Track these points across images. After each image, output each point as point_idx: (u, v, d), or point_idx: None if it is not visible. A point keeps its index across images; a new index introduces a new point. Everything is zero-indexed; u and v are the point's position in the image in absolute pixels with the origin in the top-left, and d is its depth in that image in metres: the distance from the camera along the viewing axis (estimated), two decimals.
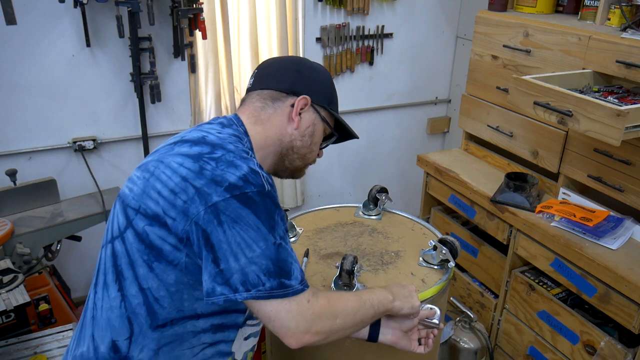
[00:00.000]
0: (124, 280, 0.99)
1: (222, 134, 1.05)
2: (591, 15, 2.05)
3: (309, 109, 1.16)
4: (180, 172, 0.95)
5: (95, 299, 1.04)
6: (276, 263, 0.93)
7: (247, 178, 0.93)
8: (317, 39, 2.84)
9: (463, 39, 3.20)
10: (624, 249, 1.76)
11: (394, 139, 3.36)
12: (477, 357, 2.17)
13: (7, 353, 1.59)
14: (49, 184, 2.29)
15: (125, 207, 1.02)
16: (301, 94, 1.14)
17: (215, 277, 0.92)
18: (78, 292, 2.72)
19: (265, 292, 0.92)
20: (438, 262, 1.53)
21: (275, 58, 1.24)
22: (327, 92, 1.20)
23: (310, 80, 1.16)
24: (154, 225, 0.96)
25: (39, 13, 2.24)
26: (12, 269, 1.78)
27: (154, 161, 1.03)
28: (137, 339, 1.00)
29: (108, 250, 1.03)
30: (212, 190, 0.91)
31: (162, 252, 0.96)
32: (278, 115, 1.13)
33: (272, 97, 1.14)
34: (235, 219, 0.91)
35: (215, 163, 0.95)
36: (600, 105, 1.54)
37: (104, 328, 1.01)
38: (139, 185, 1.01)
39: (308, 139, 1.17)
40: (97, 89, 2.45)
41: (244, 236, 0.91)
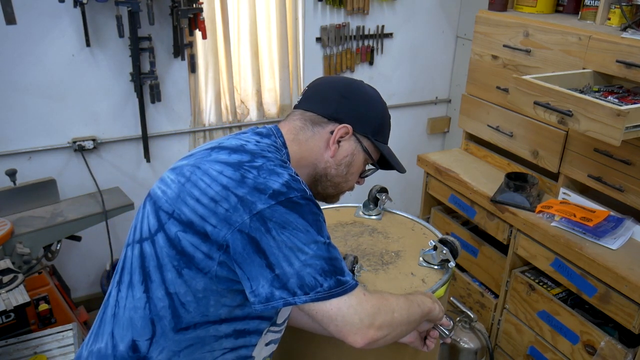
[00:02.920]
0: (150, 282, 0.98)
1: (260, 143, 1.03)
2: (591, 15, 2.05)
3: (350, 138, 1.12)
4: (221, 180, 0.94)
5: (118, 297, 1.03)
6: (330, 262, 0.93)
7: (290, 184, 0.93)
8: (317, 39, 2.84)
9: (463, 39, 3.20)
10: (624, 249, 1.76)
11: (394, 139, 3.31)
12: (477, 357, 2.16)
13: (7, 353, 1.59)
14: (49, 184, 2.29)
15: (157, 209, 1.00)
16: (344, 121, 1.10)
17: (273, 282, 0.91)
18: (78, 292, 2.72)
19: (324, 292, 0.92)
20: (438, 262, 1.53)
21: (328, 78, 1.21)
22: (374, 122, 1.14)
23: (356, 108, 1.12)
24: (187, 232, 0.94)
25: (38, 13, 2.24)
26: (12, 269, 1.78)
27: (189, 166, 1.00)
28: (158, 340, 0.99)
29: (136, 250, 1.02)
30: (255, 198, 0.91)
31: (193, 260, 0.94)
32: (316, 139, 1.10)
33: (312, 120, 1.11)
34: (283, 224, 0.90)
35: (257, 171, 0.94)
36: (600, 105, 1.54)
37: (126, 327, 1.00)
38: (172, 188, 0.99)
39: (344, 169, 1.14)
40: (97, 89, 2.45)
41: (294, 240, 0.91)
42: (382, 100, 1.18)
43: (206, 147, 1.06)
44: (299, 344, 1.52)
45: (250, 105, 2.80)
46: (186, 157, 1.08)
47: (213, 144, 1.06)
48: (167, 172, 1.06)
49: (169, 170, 1.05)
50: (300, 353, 1.52)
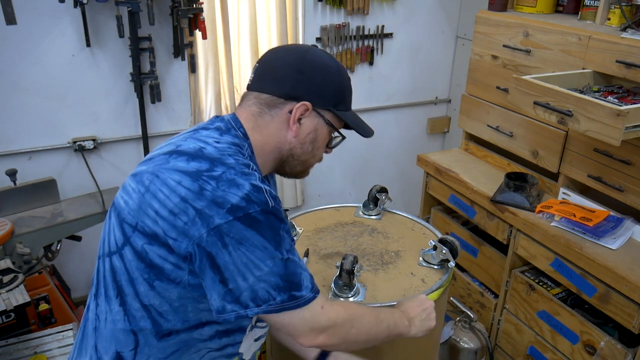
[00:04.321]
0: (125, 296, 0.97)
1: (220, 143, 0.99)
2: (591, 15, 2.05)
3: (311, 114, 1.07)
4: (179, 191, 0.91)
5: (97, 311, 1.02)
6: (285, 278, 0.93)
7: (250, 197, 0.90)
8: (317, 39, 2.84)
9: (463, 39, 3.20)
10: (624, 249, 1.76)
11: (394, 139, 3.36)
12: (477, 357, 2.17)
13: (7, 353, 1.59)
14: (49, 184, 2.29)
15: (121, 221, 0.97)
16: (301, 99, 1.04)
17: (225, 296, 0.91)
18: (78, 292, 2.72)
19: (276, 305, 0.92)
20: (438, 262, 1.53)
21: (280, 51, 1.09)
22: (334, 92, 1.09)
23: (313, 82, 1.05)
24: (154, 245, 0.93)
25: (39, 13, 2.24)
26: (12, 268, 1.78)
27: (148, 173, 0.97)
28: (142, 350, 0.99)
29: (106, 263, 1.00)
30: (213, 212, 0.88)
31: (163, 271, 0.94)
32: (276, 122, 1.06)
33: (269, 103, 1.05)
34: (240, 240, 0.89)
35: (216, 183, 0.90)
36: (600, 105, 1.54)
37: (108, 340, 1.00)
38: (134, 199, 0.97)
39: (309, 146, 1.10)
40: (97, 89, 2.45)
41: (251, 257, 0.90)
42: (340, 67, 1.11)
43: (165, 150, 1.01)
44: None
45: None
46: (146, 161, 1.03)
47: (171, 146, 1.01)
48: (129, 178, 1.02)
49: (130, 177, 1.02)
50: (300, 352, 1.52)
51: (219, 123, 1.06)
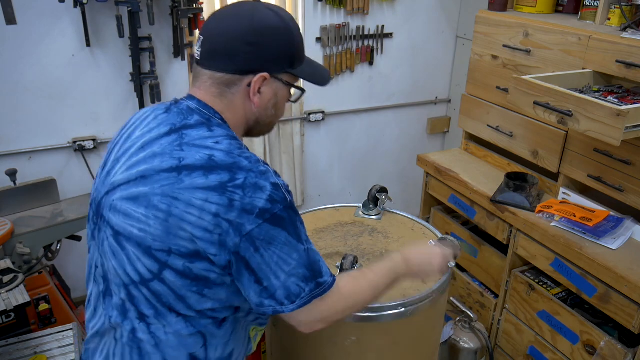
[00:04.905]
0: (179, 310, 1.01)
1: (220, 143, 0.98)
2: (591, 15, 2.05)
3: (268, 82, 1.05)
4: (210, 209, 0.92)
5: (151, 330, 1.02)
6: (310, 268, 0.99)
7: (273, 197, 0.94)
8: (317, 39, 2.84)
9: (463, 39, 3.20)
10: (624, 249, 1.76)
11: (394, 139, 3.36)
12: (477, 357, 2.17)
13: (7, 353, 1.59)
14: (49, 183, 2.29)
15: (147, 249, 0.96)
16: (257, 71, 1.02)
17: (261, 293, 0.97)
18: (78, 292, 2.72)
19: (307, 297, 0.99)
20: None
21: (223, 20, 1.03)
22: (287, 54, 1.05)
23: (266, 51, 1.01)
24: (195, 262, 0.95)
25: (38, 13, 2.24)
26: (12, 268, 1.78)
27: (159, 196, 0.94)
28: (210, 342, 1.06)
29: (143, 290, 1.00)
30: (244, 220, 0.92)
31: (209, 280, 0.98)
32: (238, 99, 1.04)
33: (225, 82, 1.03)
34: (269, 241, 0.94)
35: (242, 191, 0.92)
36: (600, 105, 1.54)
37: (176, 347, 1.04)
38: (153, 226, 0.95)
39: (272, 110, 1.09)
40: (97, 89, 2.45)
41: (280, 254, 0.95)
42: (287, 23, 1.05)
43: (166, 166, 0.96)
44: (298, 343, 1.52)
45: None
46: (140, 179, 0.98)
47: (171, 160, 0.96)
48: (126, 203, 0.98)
49: (129, 201, 0.98)
50: (300, 353, 1.52)
51: (197, 116, 1.02)
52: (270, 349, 1.71)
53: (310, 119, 2.97)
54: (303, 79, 1.11)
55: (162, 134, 1.01)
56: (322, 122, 3.05)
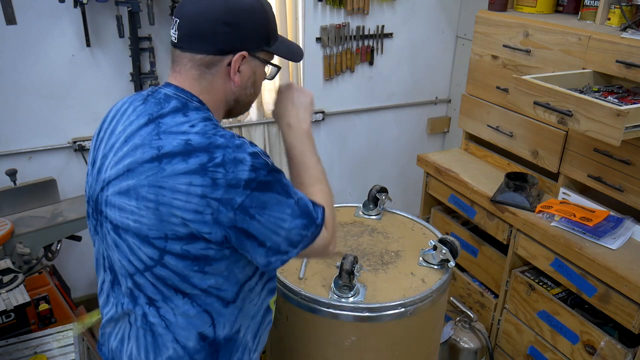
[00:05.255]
0: (184, 290, 1.04)
1: (195, 126, 0.99)
2: (591, 15, 2.05)
3: (247, 60, 1.07)
4: (196, 192, 0.94)
5: (160, 313, 1.07)
6: (305, 216, 1.03)
7: (255, 166, 0.96)
8: (317, 39, 2.84)
9: (463, 39, 3.20)
10: (624, 248, 1.76)
11: (394, 139, 3.36)
12: (477, 357, 2.17)
13: (7, 353, 1.59)
14: (49, 183, 2.29)
15: (144, 238, 1.00)
16: (236, 50, 1.04)
17: (267, 253, 1.02)
18: (78, 292, 2.72)
19: (309, 239, 1.05)
20: (438, 262, 1.53)
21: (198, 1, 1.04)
22: (262, 33, 1.08)
23: (243, 30, 1.04)
24: (192, 243, 0.98)
25: (39, 13, 2.24)
26: (12, 268, 1.78)
27: (146, 187, 0.96)
28: (218, 321, 1.10)
29: (148, 277, 1.03)
30: (232, 194, 0.94)
31: (208, 258, 1.01)
32: (218, 79, 1.07)
33: (206, 63, 1.05)
34: (262, 206, 0.97)
35: (224, 169, 0.94)
36: (600, 105, 1.54)
37: (186, 328, 1.08)
38: (146, 216, 0.98)
39: (251, 88, 1.12)
40: (97, 89, 2.45)
41: (275, 215, 0.99)
42: (260, 1, 1.08)
43: (146, 157, 0.98)
44: (299, 343, 1.52)
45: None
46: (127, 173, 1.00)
47: (151, 150, 0.98)
48: (117, 197, 1.01)
49: (119, 195, 1.00)
50: (300, 353, 1.52)
51: (175, 102, 1.04)
52: (270, 349, 1.71)
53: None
54: (279, 56, 1.14)
55: (141, 125, 1.03)
56: (322, 122, 3.05)
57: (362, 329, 1.39)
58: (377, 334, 1.41)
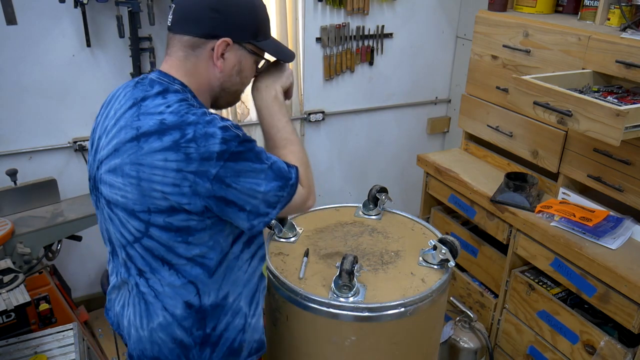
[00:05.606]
0: (170, 261, 1.12)
1: (171, 106, 1.05)
2: (591, 15, 2.05)
3: (233, 48, 1.13)
4: (172, 167, 1.01)
5: (150, 284, 1.16)
6: (280, 178, 1.10)
7: (225, 138, 1.02)
8: (317, 39, 2.84)
9: (463, 39, 3.20)
10: (624, 248, 1.76)
11: (394, 139, 3.36)
12: (477, 356, 2.17)
13: (7, 353, 1.59)
14: (49, 183, 2.29)
15: (131, 212, 1.08)
16: (221, 36, 1.10)
17: (248, 217, 1.09)
18: (78, 291, 2.72)
19: (287, 198, 1.12)
20: (438, 261, 1.53)
21: None
22: (250, 26, 1.14)
23: (230, 18, 1.11)
24: (173, 215, 1.05)
25: (39, 13, 2.24)
26: (13, 268, 1.78)
27: (129, 165, 1.04)
28: (203, 290, 1.17)
29: (137, 248, 1.12)
30: (207, 167, 1.01)
31: (190, 229, 1.08)
32: (202, 62, 1.13)
33: (191, 45, 1.12)
34: (237, 174, 1.03)
35: (195, 144, 1.00)
36: (600, 105, 1.54)
37: (173, 297, 1.16)
38: (131, 191, 1.06)
39: (236, 77, 1.17)
40: (97, 89, 2.45)
41: (250, 181, 1.05)
42: None
43: (126, 136, 1.06)
44: (299, 343, 1.52)
45: (250, 105, 2.80)
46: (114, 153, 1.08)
47: (131, 131, 1.05)
48: (107, 175, 1.09)
49: (108, 173, 1.09)
50: (300, 353, 1.53)
51: (157, 87, 1.10)
52: (270, 349, 1.71)
53: (310, 119, 2.97)
54: (267, 52, 1.19)
55: (127, 109, 1.11)
56: (322, 122, 3.05)
57: (362, 328, 1.39)
58: (377, 334, 1.41)
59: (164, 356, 1.21)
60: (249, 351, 1.28)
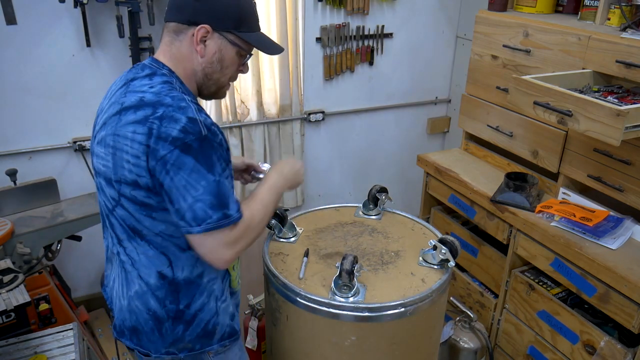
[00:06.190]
0: (140, 231, 1.18)
1: (154, 87, 1.12)
2: (591, 15, 2.05)
3: (213, 36, 1.17)
4: (137, 138, 1.07)
5: (127, 252, 1.22)
6: (217, 197, 1.09)
7: (186, 129, 1.05)
8: (317, 39, 2.84)
9: (463, 39, 3.20)
10: (624, 248, 1.76)
11: (394, 139, 3.36)
12: (477, 356, 2.17)
13: (7, 353, 1.59)
14: (49, 183, 2.29)
15: (109, 181, 1.16)
16: (200, 23, 1.15)
17: (176, 214, 1.10)
18: (78, 291, 2.72)
19: (214, 224, 1.09)
20: (438, 261, 1.53)
21: None
22: (232, 16, 1.18)
23: (211, 7, 1.16)
24: (136, 189, 1.12)
25: (39, 13, 2.24)
26: (13, 268, 1.78)
27: (110, 136, 1.13)
28: (176, 263, 1.21)
29: (116, 216, 1.19)
30: (159, 146, 1.05)
31: (152, 206, 1.13)
32: (184, 47, 1.18)
33: (175, 30, 1.18)
34: (179, 166, 1.06)
35: (159, 121, 1.06)
36: (600, 105, 1.54)
37: (147, 266, 1.21)
38: (108, 160, 1.14)
39: (217, 65, 1.21)
40: (97, 89, 2.45)
41: (188, 179, 1.06)
42: None
43: (113, 111, 1.14)
44: (299, 343, 1.52)
45: (250, 105, 2.80)
46: (102, 127, 1.17)
47: (117, 106, 1.14)
48: (97, 146, 1.18)
49: (97, 145, 1.18)
50: (300, 353, 1.53)
51: (147, 70, 1.18)
52: (270, 349, 1.71)
53: (310, 119, 2.97)
54: (249, 42, 1.22)
55: (118, 88, 1.19)
56: (322, 122, 3.05)
57: (362, 328, 1.39)
58: (377, 334, 1.41)
59: (140, 326, 1.26)
60: (221, 335, 1.32)
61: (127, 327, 1.28)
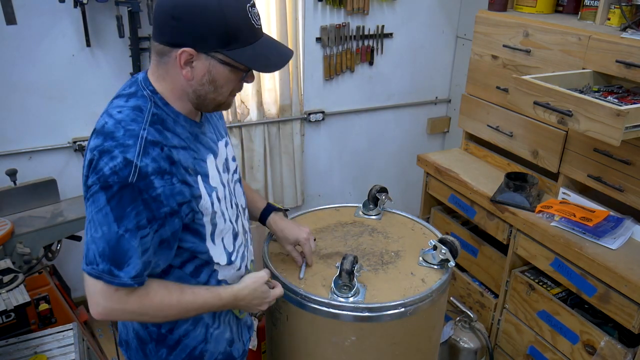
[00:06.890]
0: None
1: (122, 112, 1.07)
2: (591, 15, 2.05)
3: (200, 58, 1.04)
4: (85, 164, 1.06)
5: None
6: (112, 250, 1.01)
7: (115, 170, 0.99)
8: (317, 39, 2.84)
9: (463, 39, 3.20)
10: (624, 248, 1.76)
11: (394, 139, 3.36)
12: (477, 356, 2.17)
13: (7, 353, 1.59)
14: (49, 183, 2.29)
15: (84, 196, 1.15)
16: (182, 45, 1.02)
17: None
18: (78, 291, 2.72)
19: (96, 272, 1.02)
20: (438, 261, 1.53)
21: None
22: (218, 32, 1.02)
23: (192, 27, 1.01)
24: None
25: (39, 13, 2.24)
26: (12, 268, 1.78)
27: None
28: None
29: None
30: (91, 175, 1.02)
31: None
32: (170, 69, 1.07)
33: (159, 52, 1.07)
34: (93, 200, 1.02)
35: (99, 154, 1.02)
36: (600, 105, 1.54)
37: None
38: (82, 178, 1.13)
39: (209, 86, 1.08)
40: (97, 89, 2.45)
41: (94, 217, 1.02)
42: (220, 2, 1.01)
43: None
44: (299, 343, 1.52)
45: (250, 105, 2.80)
46: None
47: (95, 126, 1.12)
48: None
49: None
50: (300, 353, 1.53)
51: (132, 89, 1.12)
52: (270, 349, 1.71)
53: (310, 119, 2.97)
54: (240, 62, 1.06)
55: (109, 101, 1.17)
56: (322, 122, 3.05)
57: (362, 328, 1.39)
58: (377, 334, 1.41)
59: (130, 342, 1.28)
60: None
61: (123, 339, 1.31)
